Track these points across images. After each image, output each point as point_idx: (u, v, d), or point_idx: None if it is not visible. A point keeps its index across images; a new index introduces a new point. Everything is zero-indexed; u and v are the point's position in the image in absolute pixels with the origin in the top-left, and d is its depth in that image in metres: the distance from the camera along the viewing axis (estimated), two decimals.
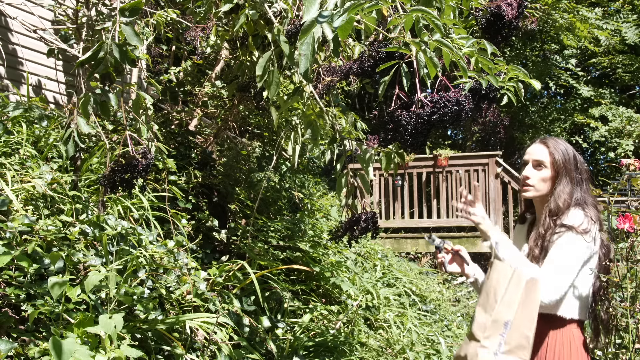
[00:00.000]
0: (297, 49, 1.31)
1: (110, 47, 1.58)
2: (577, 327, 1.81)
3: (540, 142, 1.92)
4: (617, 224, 1.87)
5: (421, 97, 1.39)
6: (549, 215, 1.82)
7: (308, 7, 1.17)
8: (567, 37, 10.44)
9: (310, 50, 1.18)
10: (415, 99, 1.39)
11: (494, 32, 2.00)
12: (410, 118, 1.38)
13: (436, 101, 1.36)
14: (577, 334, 1.80)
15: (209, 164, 4.14)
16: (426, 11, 1.28)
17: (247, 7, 1.83)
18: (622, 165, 2.08)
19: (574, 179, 1.85)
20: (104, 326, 1.86)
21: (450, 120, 1.37)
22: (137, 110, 2.22)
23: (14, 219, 2.18)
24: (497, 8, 1.94)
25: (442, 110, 1.35)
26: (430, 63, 1.31)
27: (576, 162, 1.88)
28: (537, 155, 1.89)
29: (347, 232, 1.87)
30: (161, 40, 4.64)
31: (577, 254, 1.74)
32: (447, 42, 1.33)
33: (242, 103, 4.24)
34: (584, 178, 1.87)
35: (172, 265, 2.60)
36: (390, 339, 3.90)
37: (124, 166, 1.87)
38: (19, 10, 3.63)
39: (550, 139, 1.92)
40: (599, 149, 11.85)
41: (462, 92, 1.43)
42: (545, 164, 1.88)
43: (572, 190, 1.84)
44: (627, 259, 1.90)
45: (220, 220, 3.90)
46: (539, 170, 1.89)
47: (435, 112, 1.35)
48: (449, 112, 1.35)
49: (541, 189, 1.88)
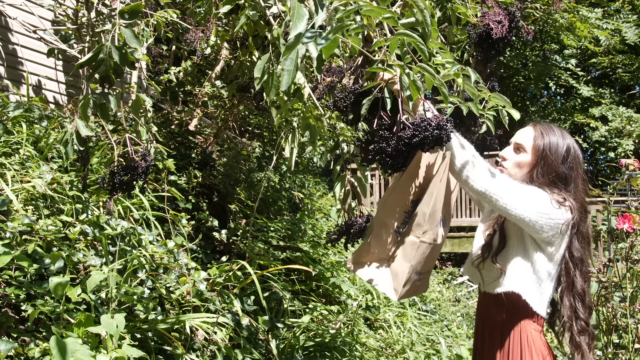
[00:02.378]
0: (280, 64, 1.32)
1: (109, 49, 1.59)
2: (533, 322, 1.62)
3: (530, 125, 1.72)
4: (617, 224, 1.87)
5: (403, 119, 1.39)
6: None
7: (295, 23, 1.18)
8: (567, 37, 10.45)
9: (294, 66, 1.19)
10: (397, 120, 1.39)
11: (488, 47, 1.97)
12: (391, 140, 1.39)
13: (418, 124, 1.37)
14: (531, 331, 1.61)
15: (209, 164, 4.14)
16: (411, 35, 1.29)
17: (247, 8, 1.84)
18: (621, 165, 2.08)
19: (554, 173, 1.62)
20: (106, 326, 1.86)
21: (431, 144, 1.37)
22: (137, 112, 2.23)
23: (14, 219, 2.19)
24: (486, 26, 1.91)
25: (423, 134, 1.35)
26: (413, 86, 1.32)
27: (567, 156, 1.63)
28: (520, 137, 1.70)
29: (343, 236, 1.86)
30: (161, 40, 4.64)
31: (535, 194, 1.54)
32: (429, 68, 1.35)
33: (242, 103, 4.24)
34: (572, 175, 1.62)
35: (172, 265, 2.60)
36: (390, 339, 3.90)
37: (124, 168, 1.87)
38: (19, 10, 3.63)
39: (542, 125, 1.70)
40: (599, 149, 11.86)
41: (444, 116, 1.43)
42: (524, 148, 1.67)
43: (548, 184, 1.61)
44: (626, 259, 1.91)
45: (220, 220, 3.90)
46: (517, 154, 1.69)
47: (416, 135, 1.36)
48: (429, 135, 1.35)
49: (514, 173, 1.68)
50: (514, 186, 1.56)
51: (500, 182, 1.54)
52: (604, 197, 2.23)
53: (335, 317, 3.71)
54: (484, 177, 1.52)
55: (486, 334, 1.74)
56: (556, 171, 1.62)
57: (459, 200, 7.79)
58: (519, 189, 1.56)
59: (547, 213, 1.54)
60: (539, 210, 1.53)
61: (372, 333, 3.97)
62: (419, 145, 1.37)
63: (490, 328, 1.72)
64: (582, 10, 10.39)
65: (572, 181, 1.63)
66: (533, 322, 1.63)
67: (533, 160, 1.65)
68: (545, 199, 1.56)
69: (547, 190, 1.60)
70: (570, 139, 1.68)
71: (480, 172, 1.53)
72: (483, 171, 1.54)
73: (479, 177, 1.52)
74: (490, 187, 1.52)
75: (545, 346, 1.63)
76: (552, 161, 1.62)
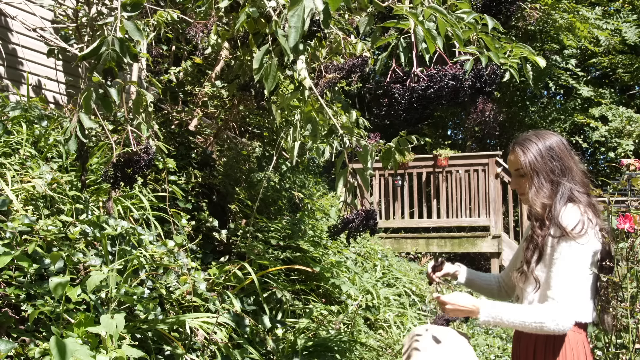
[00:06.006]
0: (287, 22, 1.27)
1: (112, 41, 1.58)
2: (578, 330, 1.72)
3: (512, 148, 1.82)
4: (617, 224, 1.87)
5: (417, 71, 1.36)
6: (536, 222, 1.75)
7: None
8: (567, 37, 10.44)
9: (300, 22, 1.16)
10: (411, 73, 1.37)
11: (495, 14, 1.91)
12: (405, 92, 1.35)
13: (432, 75, 1.34)
14: (573, 337, 1.71)
15: (209, 164, 4.14)
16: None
17: (247, 5, 1.83)
18: (622, 165, 2.08)
19: (551, 174, 1.73)
20: (106, 326, 1.86)
21: (447, 96, 1.33)
22: (138, 108, 2.22)
23: (14, 219, 2.18)
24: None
25: (438, 85, 1.32)
26: (428, 36, 1.28)
27: (551, 153, 1.74)
28: (512, 163, 1.82)
29: (345, 229, 1.85)
30: (161, 41, 4.64)
31: (575, 265, 1.66)
32: (441, 8, 1.30)
33: (242, 103, 4.24)
34: (568, 166, 1.74)
35: (172, 265, 2.60)
36: (390, 339, 3.89)
37: (126, 162, 1.87)
38: (19, 10, 3.63)
39: (520, 143, 1.79)
40: (599, 149, 11.85)
41: (461, 67, 1.40)
42: (522, 171, 1.78)
43: (552, 189, 1.73)
44: (627, 259, 1.90)
45: (220, 220, 3.90)
46: (521, 176, 1.79)
47: (431, 87, 1.32)
48: (445, 86, 1.32)
49: (534, 194, 1.76)
50: (565, 297, 1.65)
51: (561, 312, 1.64)
52: (605, 197, 2.22)
53: (335, 317, 3.71)
54: (561, 323, 1.63)
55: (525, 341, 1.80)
56: (550, 174, 1.73)
57: (459, 200, 7.79)
58: (569, 293, 1.66)
59: (589, 258, 1.67)
60: (585, 266, 1.67)
61: (372, 333, 3.96)
62: (434, 98, 1.34)
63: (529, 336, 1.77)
64: (582, 10, 10.39)
65: (569, 171, 1.74)
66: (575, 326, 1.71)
67: (530, 175, 1.76)
68: (576, 254, 1.66)
69: (572, 203, 1.70)
70: (551, 138, 1.78)
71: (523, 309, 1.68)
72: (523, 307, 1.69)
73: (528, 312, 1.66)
74: (567, 323, 1.64)
75: (582, 347, 1.71)
76: (542, 168, 1.74)
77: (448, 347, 1.69)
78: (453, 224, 7.97)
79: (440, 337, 1.70)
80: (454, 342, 1.72)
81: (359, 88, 10.29)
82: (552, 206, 1.72)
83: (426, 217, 8.11)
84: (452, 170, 7.86)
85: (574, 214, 1.69)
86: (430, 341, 1.69)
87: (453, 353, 1.67)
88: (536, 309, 1.66)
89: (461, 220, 7.81)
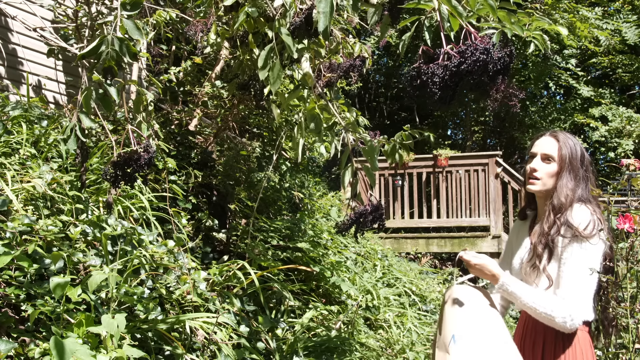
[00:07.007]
0: (316, 7, 1.30)
1: (112, 40, 1.58)
2: (583, 328, 1.74)
3: (550, 135, 1.87)
4: (617, 224, 1.87)
5: (447, 49, 1.36)
6: (552, 211, 1.78)
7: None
8: (567, 37, 10.43)
9: (329, 7, 1.18)
10: (441, 52, 1.37)
11: None
12: (439, 70, 1.36)
13: (463, 51, 1.34)
14: (582, 335, 1.73)
15: (209, 164, 4.14)
16: None
17: (247, 5, 1.83)
18: (622, 165, 2.08)
19: (578, 175, 1.80)
20: (106, 326, 1.86)
21: (479, 70, 1.33)
22: (138, 108, 2.22)
23: (14, 219, 2.18)
24: None
25: (470, 60, 1.32)
26: (455, 12, 1.28)
27: (583, 159, 1.83)
28: (547, 148, 1.84)
29: (354, 224, 1.86)
30: (161, 40, 4.64)
31: (586, 265, 1.69)
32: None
33: (242, 103, 4.24)
34: (588, 176, 1.83)
35: (172, 265, 2.60)
36: (390, 339, 3.90)
37: (126, 160, 1.87)
38: (19, 10, 3.63)
39: (560, 133, 1.86)
40: (599, 149, 11.85)
41: (489, 40, 1.40)
42: (553, 158, 1.82)
43: (575, 186, 1.79)
44: (627, 259, 1.90)
45: (220, 220, 3.90)
46: (547, 164, 1.83)
47: (463, 62, 1.32)
48: (477, 60, 1.32)
49: (547, 183, 1.83)
50: (578, 296, 1.68)
51: (575, 309, 1.67)
52: (605, 197, 2.22)
53: (335, 317, 3.71)
54: (574, 319, 1.66)
55: (531, 336, 1.82)
56: (577, 174, 1.81)
57: (459, 200, 7.79)
58: (582, 292, 1.68)
59: (599, 258, 1.71)
60: (596, 266, 1.70)
61: (372, 333, 3.96)
62: (468, 73, 1.34)
63: (536, 332, 1.80)
64: (582, 10, 10.38)
65: (589, 180, 1.83)
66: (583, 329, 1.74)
67: (559, 168, 1.82)
68: (588, 254, 1.69)
69: (583, 204, 1.75)
70: (579, 143, 1.88)
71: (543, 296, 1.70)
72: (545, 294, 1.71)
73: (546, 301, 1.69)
74: (578, 320, 1.67)
75: (589, 345, 1.74)
76: (575, 166, 1.81)
77: (486, 304, 1.71)
78: (453, 224, 7.97)
79: (477, 294, 1.73)
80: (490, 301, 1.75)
81: (359, 88, 10.29)
82: (568, 205, 1.77)
83: (426, 217, 8.12)
84: (452, 170, 7.86)
85: (584, 213, 1.72)
86: (473, 295, 1.71)
87: (493, 310, 1.70)
88: (551, 301, 1.68)
89: (461, 220, 7.81)
